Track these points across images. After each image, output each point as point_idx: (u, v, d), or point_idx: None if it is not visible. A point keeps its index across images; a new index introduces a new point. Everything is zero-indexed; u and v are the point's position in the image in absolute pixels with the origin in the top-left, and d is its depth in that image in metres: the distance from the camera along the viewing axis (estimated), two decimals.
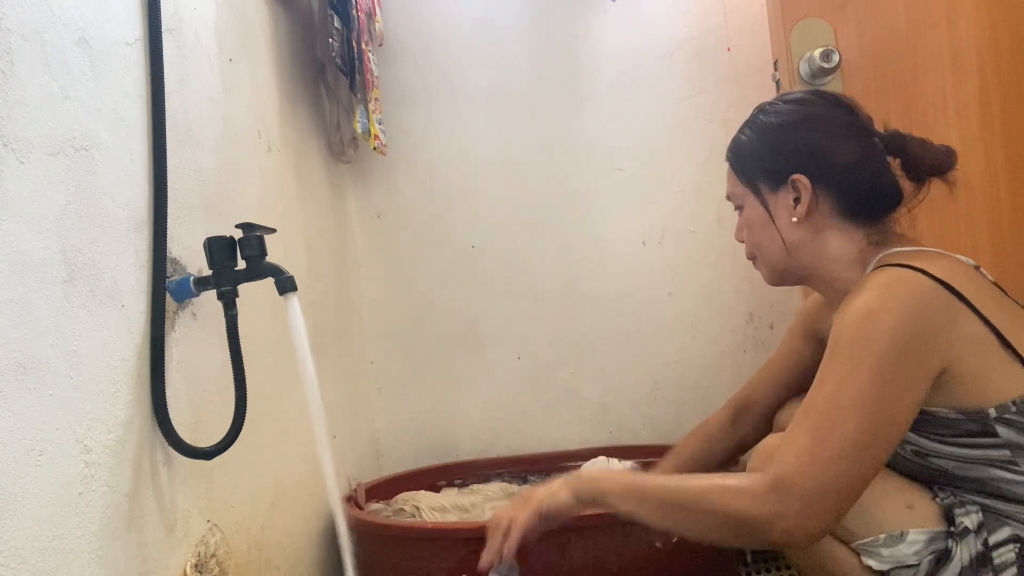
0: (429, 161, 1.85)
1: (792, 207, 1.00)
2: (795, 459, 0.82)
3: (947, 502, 0.91)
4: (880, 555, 0.89)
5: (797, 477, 0.81)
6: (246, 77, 1.23)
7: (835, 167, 0.98)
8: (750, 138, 1.06)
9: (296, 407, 1.24)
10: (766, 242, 1.04)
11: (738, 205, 1.08)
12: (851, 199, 0.99)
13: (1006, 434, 0.86)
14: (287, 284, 0.87)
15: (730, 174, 1.09)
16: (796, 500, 0.80)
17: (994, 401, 0.86)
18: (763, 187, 1.03)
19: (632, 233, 1.82)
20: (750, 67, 1.76)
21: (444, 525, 1.37)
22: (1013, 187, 1.41)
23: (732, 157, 1.08)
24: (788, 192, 1.00)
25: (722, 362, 1.79)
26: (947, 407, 0.88)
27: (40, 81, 0.70)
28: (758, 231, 1.04)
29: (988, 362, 0.86)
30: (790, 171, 1.00)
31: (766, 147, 1.03)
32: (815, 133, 1.01)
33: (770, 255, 1.05)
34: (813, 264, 1.02)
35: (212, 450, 0.88)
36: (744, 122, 1.09)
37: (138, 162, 0.86)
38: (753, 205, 1.04)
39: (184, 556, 0.89)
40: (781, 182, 1.01)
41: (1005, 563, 0.86)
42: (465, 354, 1.85)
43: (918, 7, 1.43)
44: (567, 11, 1.83)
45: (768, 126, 1.04)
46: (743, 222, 1.08)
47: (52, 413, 0.68)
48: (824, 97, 1.05)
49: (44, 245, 0.69)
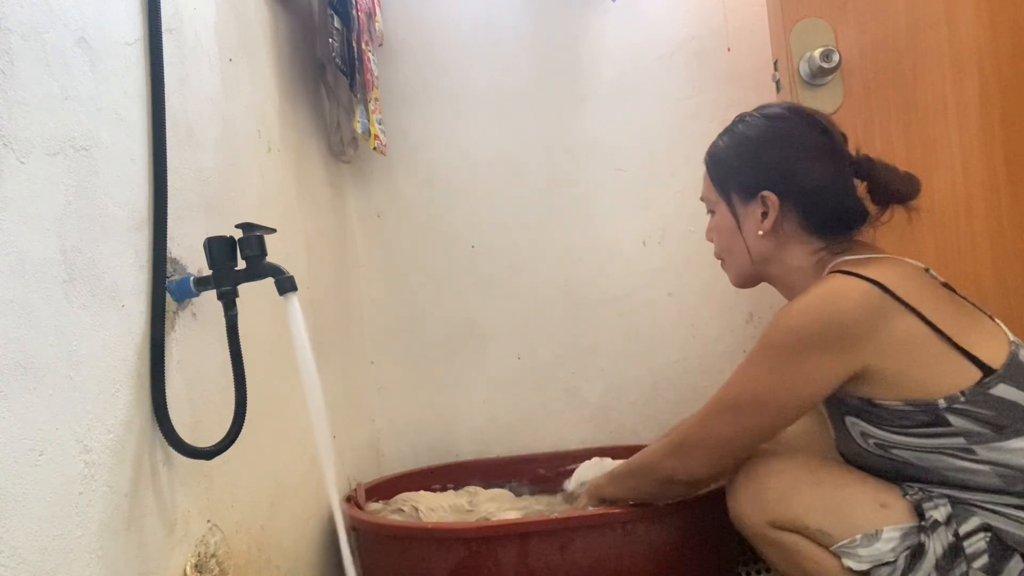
0: (429, 161, 1.85)
1: (759, 220, 1.07)
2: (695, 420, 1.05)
3: (916, 497, 0.94)
4: (859, 555, 0.92)
5: (693, 431, 1.05)
6: (246, 77, 1.23)
7: (804, 187, 1.05)
8: (727, 147, 1.12)
9: (296, 407, 1.24)
10: (733, 248, 1.13)
11: (710, 209, 1.16)
12: (816, 217, 1.06)
13: (958, 423, 0.91)
14: (287, 284, 0.87)
15: (706, 178, 1.16)
16: (682, 449, 1.06)
17: (942, 392, 0.91)
18: (735, 197, 1.11)
19: (632, 233, 1.82)
20: (750, 67, 1.76)
21: (444, 525, 1.37)
22: (1013, 187, 1.41)
23: (709, 163, 1.15)
24: (757, 206, 1.07)
25: (722, 362, 1.79)
26: (897, 400, 0.93)
27: (40, 81, 0.70)
28: (727, 238, 1.13)
29: (928, 357, 0.92)
30: (761, 186, 1.07)
31: (741, 160, 1.10)
32: (788, 152, 1.07)
33: (734, 261, 1.15)
34: (776, 272, 1.11)
35: (212, 450, 0.88)
36: (724, 128, 1.15)
37: (138, 162, 0.86)
38: (724, 213, 1.13)
39: (184, 556, 0.89)
40: (751, 196, 1.08)
41: (976, 552, 0.89)
42: (465, 354, 1.85)
43: (918, 7, 1.43)
44: (567, 11, 1.83)
45: (745, 139, 1.10)
46: (713, 226, 1.16)
47: (52, 413, 0.68)
48: (802, 115, 1.10)
49: (44, 245, 0.69)
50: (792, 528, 0.98)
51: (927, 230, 1.43)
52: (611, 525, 1.19)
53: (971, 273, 1.41)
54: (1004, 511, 0.90)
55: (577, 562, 1.18)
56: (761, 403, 0.98)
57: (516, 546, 1.18)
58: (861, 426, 0.98)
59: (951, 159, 1.43)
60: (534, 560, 1.18)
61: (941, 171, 1.43)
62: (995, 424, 0.89)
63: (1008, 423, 0.89)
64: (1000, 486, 0.90)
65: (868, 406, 0.96)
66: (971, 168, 1.42)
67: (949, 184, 1.42)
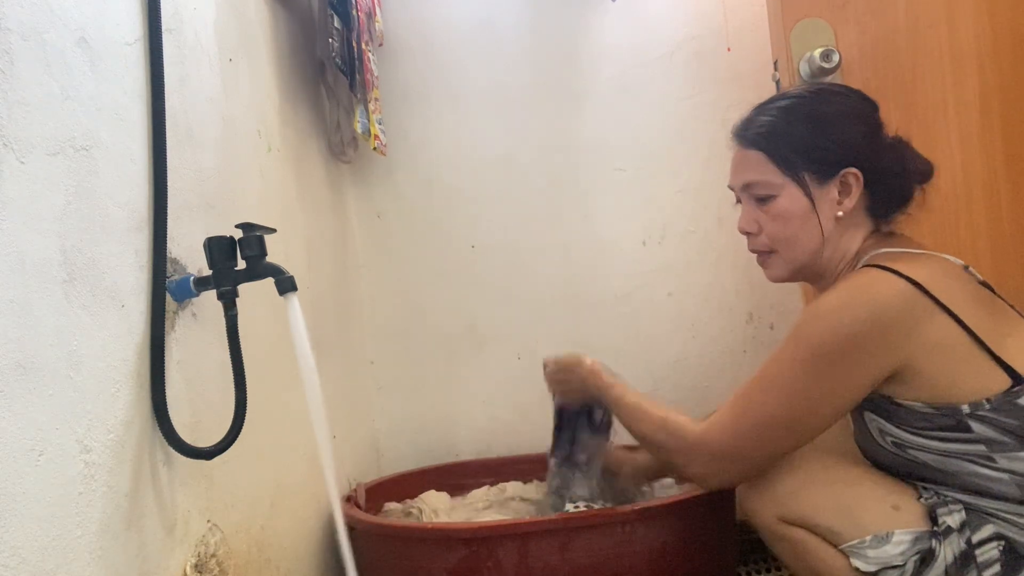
0: (429, 161, 1.85)
1: (836, 201, 1.00)
2: (719, 423, 0.99)
3: (931, 502, 0.92)
4: (867, 556, 0.91)
5: (713, 439, 0.98)
6: (246, 77, 1.23)
7: (877, 166, 1.00)
8: (792, 124, 1.01)
9: (296, 407, 1.24)
10: (800, 235, 1.02)
11: (767, 195, 1.03)
12: (883, 198, 1.01)
13: (981, 430, 0.88)
14: (287, 284, 0.87)
15: (758, 161, 1.03)
16: (707, 456, 0.99)
17: (967, 398, 0.88)
18: (809, 177, 1.00)
19: (632, 233, 1.81)
20: (750, 67, 1.76)
21: (444, 525, 1.37)
22: (1013, 187, 1.41)
23: (765, 144, 1.02)
24: (835, 185, 1.00)
25: (722, 362, 1.79)
26: (920, 401, 0.91)
27: (40, 81, 0.70)
28: (795, 223, 1.01)
29: (959, 361, 0.89)
30: (843, 163, 0.99)
31: (815, 136, 1.00)
32: (864, 128, 1.01)
33: (798, 249, 1.03)
34: (830, 259, 1.03)
35: (212, 450, 0.88)
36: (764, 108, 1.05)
37: (138, 162, 0.86)
38: (794, 196, 1.01)
39: (184, 556, 0.89)
40: (830, 175, 1.00)
41: (988, 560, 0.88)
42: (465, 354, 1.85)
43: (918, 7, 1.43)
44: (567, 11, 1.83)
45: (817, 115, 1.01)
46: (773, 214, 1.02)
47: (52, 413, 0.68)
48: (859, 93, 1.05)
49: (44, 245, 0.69)
50: (802, 524, 0.96)
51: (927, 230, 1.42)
52: (611, 525, 1.19)
53: None
54: (1020, 521, 0.88)
55: (577, 562, 1.18)
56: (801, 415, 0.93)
57: (516, 546, 1.18)
58: (879, 423, 0.96)
59: (951, 159, 1.43)
60: (534, 560, 1.18)
61: (941, 171, 1.41)
62: (1019, 434, 0.87)
63: None
64: (1018, 496, 0.88)
65: (889, 404, 0.93)
66: (971, 168, 1.42)
67: (949, 184, 1.42)
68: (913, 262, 0.93)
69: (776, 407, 0.94)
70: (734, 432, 0.97)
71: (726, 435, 0.98)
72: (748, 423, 0.96)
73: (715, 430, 0.99)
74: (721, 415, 0.99)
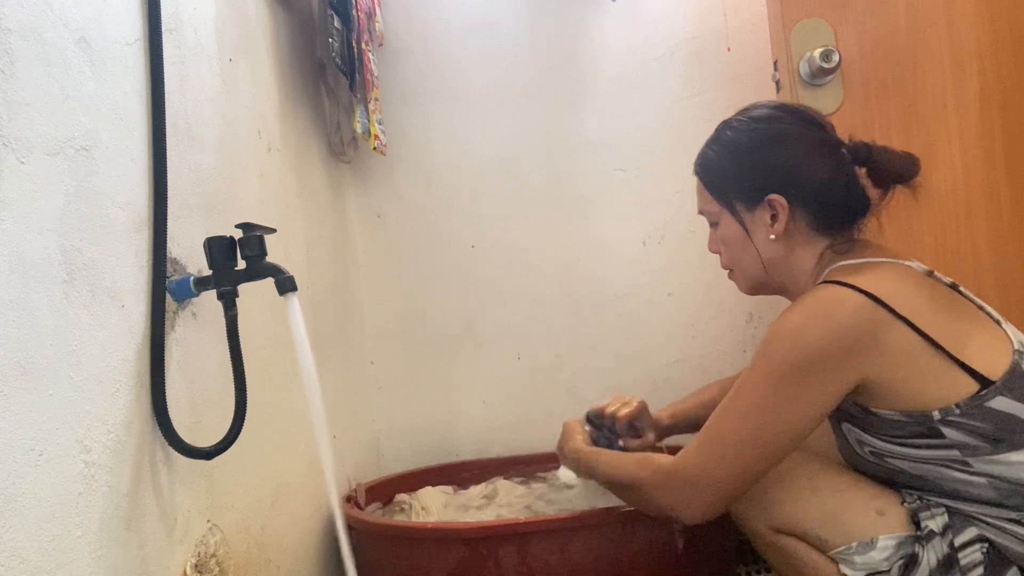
0: (429, 161, 1.85)
1: (769, 225, 1.03)
2: (691, 451, 0.98)
3: (914, 506, 0.93)
4: (854, 563, 0.92)
5: (688, 466, 0.97)
6: (246, 77, 1.23)
7: (810, 185, 1.02)
8: (721, 156, 1.07)
9: (296, 407, 1.24)
10: (743, 257, 1.08)
11: (713, 222, 1.10)
12: (824, 214, 1.03)
13: (953, 436, 0.88)
14: (287, 284, 0.87)
15: (701, 190, 1.11)
16: (683, 487, 0.97)
17: (936, 404, 0.88)
18: (739, 206, 1.06)
19: (632, 233, 1.82)
20: (750, 67, 1.76)
21: (444, 525, 1.37)
22: (1013, 186, 1.41)
23: (703, 174, 1.10)
24: (765, 210, 1.03)
25: (722, 362, 1.79)
26: (892, 410, 0.91)
27: (40, 81, 0.70)
28: (736, 247, 1.08)
29: (922, 370, 0.89)
30: (766, 191, 1.02)
31: (739, 167, 1.05)
32: (788, 151, 1.03)
33: (746, 269, 1.09)
34: (787, 276, 1.06)
35: (212, 450, 0.88)
36: (710, 138, 1.11)
37: (138, 162, 0.86)
38: (729, 223, 1.07)
39: (184, 556, 0.89)
40: (757, 201, 1.04)
41: (971, 563, 0.88)
42: (465, 354, 1.85)
43: (918, 7, 1.43)
44: (567, 11, 1.83)
45: (740, 145, 1.06)
46: (719, 238, 1.10)
47: (52, 413, 0.68)
48: (793, 113, 1.07)
49: (44, 245, 0.69)
50: (792, 532, 0.97)
51: (927, 230, 1.43)
52: (611, 525, 1.19)
53: (971, 273, 1.41)
54: (1000, 524, 0.88)
55: (577, 562, 1.18)
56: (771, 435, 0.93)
57: (516, 546, 1.18)
58: (857, 433, 0.97)
59: (951, 159, 1.43)
60: (534, 560, 1.18)
61: (941, 171, 1.43)
62: (992, 437, 0.87)
63: (1006, 436, 0.86)
64: (995, 499, 0.88)
65: (864, 414, 0.94)
66: (971, 168, 1.42)
67: (949, 184, 1.42)
68: (872, 273, 0.93)
69: (745, 429, 0.93)
70: (707, 457, 0.96)
71: (699, 461, 0.96)
72: (720, 448, 0.95)
73: (688, 458, 0.98)
74: (693, 443, 0.99)
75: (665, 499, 1.00)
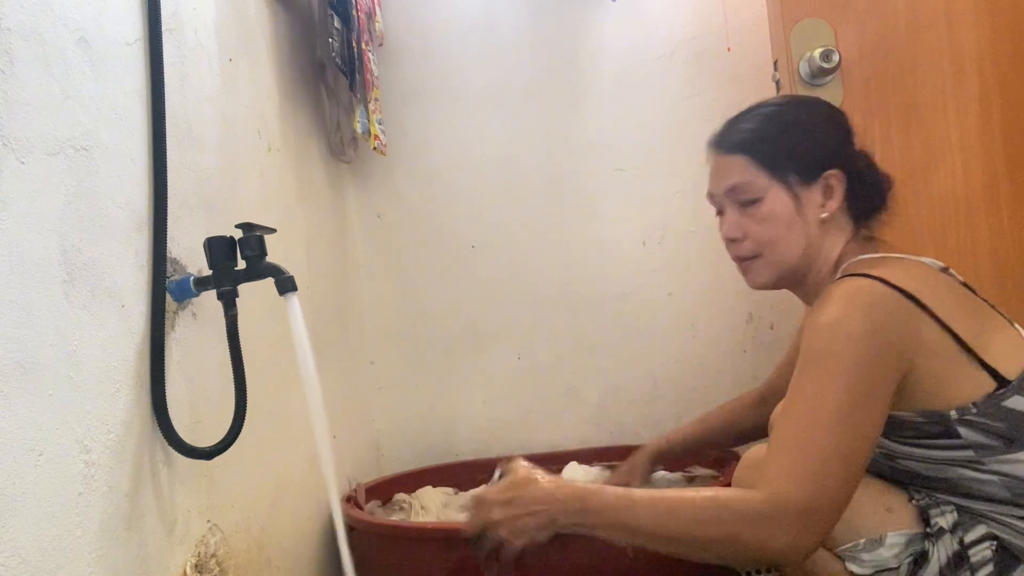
0: (429, 161, 1.85)
1: (821, 204, 1.00)
2: (785, 477, 0.81)
3: (922, 503, 0.92)
4: (862, 560, 0.91)
5: (792, 495, 0.80)
6: (246, 77, 1.23)
7: (858, 168, 1.02)
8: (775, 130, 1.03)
9: (296, 407, 1.24)
10: (786, 238, 1.01)
11: (752, 198, 1.02)
12: (861, 201, 1.02)
13: (968, 435, 0.88)
14: (287, 284, 0.87)
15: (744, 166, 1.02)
16: (793, 518, 0.79)
17: (954, 403, 0.88)
18: (793, 180, 1.01)
19: (632, 233, 1.82)
20: (750, 67, 1.76)
21: (444, 525, 1.37)
22: (1013, 186, 1.41)
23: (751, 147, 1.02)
24: (818, 188, 1.00)
25: (722, 362, 1.79)
26: (909, 411, 0.90)
27: (40, 81, 0.70)
28: (782, 225, 1.00)
29: (946, 366, 0.88)
30: (824, 166, 1.00)
31: (795, 142, 1.01)
32: (839, 132, 1.03)
33: (784, 251, 1.01)
34: (813, 263, 1.02)
35: (212, 450, 0.88)
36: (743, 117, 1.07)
37: (138, 162, 0.86)
38: (779, 199, 1.00)
39: (184, 556, 0.89)
40: (813, 178, 1.00)
41: (981, 561, 0.88)
42: (465, 354, 1.85)
43: (918, 7, 1.43)
44: (567, 11, 1.83)
45: (797, 120, 1.03)
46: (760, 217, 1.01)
47: (52, 413, 0.68)
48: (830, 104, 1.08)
49: (44, 245, 0.69)
50: None
51: (927, 230, 1.43)
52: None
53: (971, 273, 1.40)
54: (1011, 522, 0.88)
55: (577, 562, 1.18)
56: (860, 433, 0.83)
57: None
58: None
59: (951, 159, 1.43)
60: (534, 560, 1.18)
61: (941, 171, 1.43)
62: (1006, 437, 0.86)
63: (1019, 435, 0.86)
64: (1007, 497, 0.88)
65: None
66: (971, 168, 1.42)
67: (949, 184, 1.42)
68: (894, 267, 0.92)
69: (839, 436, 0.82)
70: (812, 478, 0.81)
71: (804, 484, 0.80)
72: (819, 464, 0.81)
73: (788, 486, 0.81)
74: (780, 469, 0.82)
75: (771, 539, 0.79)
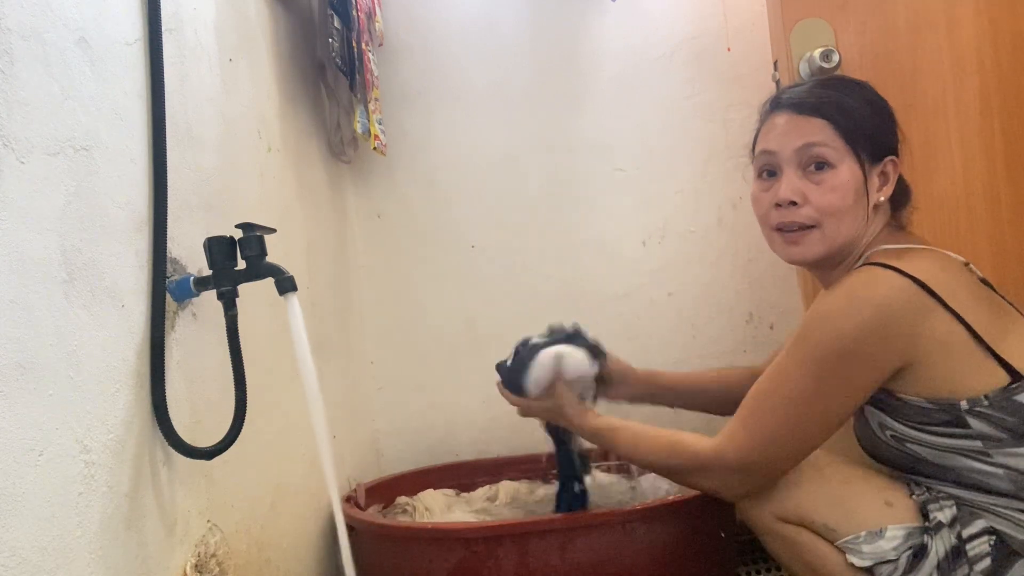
0: (429, 161, 1.85)
1: (878, 187, 1.03)
2: (730, 437, 0.99)
3: (922, 498, 0.94)
4: (862, 552, 0.93)
5: (728, 453, 0.98)
6: (246, 77, 1.23)
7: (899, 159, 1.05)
8: (860, 106, 1.03)
9: (296, 407, 1.24)
10: (851, 212, 1.00)
11: (826, 162, 1.00)
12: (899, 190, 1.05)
13: (978, 426, 0.90)
14: (287, 284, 0.87)
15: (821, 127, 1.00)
16: (727, 472, 0.99)
17: (966, 394, 0.89)
18: (864, 158, 1.02)
19: (632, 233, 1.81)
20: (750, 67, 1.76)
21: (444, 525, 1.37)
22: (1013, 187, 1.41)
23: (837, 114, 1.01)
24: (878, 171, 1.03)
25: (722, 362, 1.79)
26: (920, 396, 0.92)
27: (40, 81, 0.70)
28: (850, 197, 0.99)
29: (959, 358, 0.90)
30: (888, 152, 1.04)
31: (873, 123, 1.04)
32: (895, 123, 1.06)
33: (842, 227, 1.00)
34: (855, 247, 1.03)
35: (212, 450, 0.88)
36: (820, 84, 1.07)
37: (138, 162, 0.86)
38: (852, 170, 1.00)
39: (184, 556, 0.89)
40: (878, 160, 1.03)
41: (979, 555, 0.89)
42: (465, 354, 1.85)
43: (918, 7, 1.43)
44: (567, 11, 1.83)
45: (876, 103, 1.06)
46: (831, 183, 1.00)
47: (52, 413, 0.68)
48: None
49: (44, 245, 0.69)
50: (797, 522, 0.98)
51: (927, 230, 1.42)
52: (611, 525, 1.19)
53: None
54: (1012, 515, 0.90)
55: (577, 562, 1.18)
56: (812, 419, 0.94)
57: (516, 546, 1.18)
58: (880, 417, 0.98)
59: (951, 159, 1.43)
60: (534, 560, 1.18)
61: (941, 171, 1.43)
62: (1015, 431, 0.88)
63: None
64: (1010, 490, 0.90)
65: (890, 398, 0.95)
66: (971, 168, 1.42)
67: (949, 184, 1.42)
68: (916, 258, 0.94)
69: (786, 414, 0.95)
70: (749, 444, 0.97)
71: (741, 448, 0.97)
72: (761, 433, 0.96)
73: (729, 444, 0.99)
74: (733, 428, 0.99)
75: (707, 484, 1.03)
